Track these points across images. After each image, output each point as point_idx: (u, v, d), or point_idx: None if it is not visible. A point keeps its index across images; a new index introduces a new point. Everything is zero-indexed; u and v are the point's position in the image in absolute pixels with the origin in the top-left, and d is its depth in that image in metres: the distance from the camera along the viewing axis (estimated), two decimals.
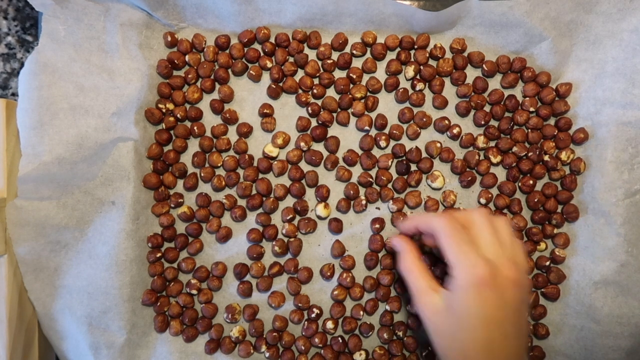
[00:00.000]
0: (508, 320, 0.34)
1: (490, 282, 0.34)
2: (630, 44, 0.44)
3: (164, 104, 0.45)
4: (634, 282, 0.45)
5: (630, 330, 0.45)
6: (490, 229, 0.37)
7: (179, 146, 0.46)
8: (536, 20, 0.44)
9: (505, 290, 0.35)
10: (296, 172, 0.46)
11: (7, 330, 0.40)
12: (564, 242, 0.47)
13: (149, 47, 0.45)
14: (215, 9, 0.45)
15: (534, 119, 0.47)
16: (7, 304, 0.40)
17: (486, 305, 0.34)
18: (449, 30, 0.46)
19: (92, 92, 0.43)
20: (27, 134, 0.41)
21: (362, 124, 0.46)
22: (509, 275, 0.35)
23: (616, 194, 0.44)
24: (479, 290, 0.34)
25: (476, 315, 0.34)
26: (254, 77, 0.46)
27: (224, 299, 0.47)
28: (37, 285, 0.43)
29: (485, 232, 0.36)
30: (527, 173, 0.47)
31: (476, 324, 0.34)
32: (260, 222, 0.47)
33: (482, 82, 0.47)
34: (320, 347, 0.46)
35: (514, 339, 0.35)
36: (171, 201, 0.46)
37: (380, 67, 0.47)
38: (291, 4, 0.44)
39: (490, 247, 0.36)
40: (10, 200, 0.41)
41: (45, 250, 0.43)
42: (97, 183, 0.43)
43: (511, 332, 0.35)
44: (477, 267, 0.34)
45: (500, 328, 0.34)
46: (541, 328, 0.47)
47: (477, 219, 0.37)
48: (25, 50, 0.49)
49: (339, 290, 0.47)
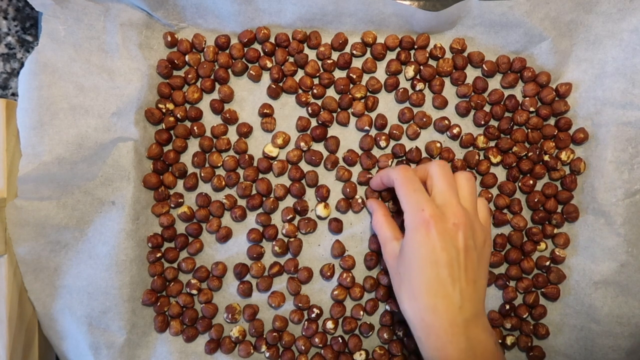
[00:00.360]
0: (457, 262, 0.36)
1: (437, 225, 0.35)
2: (630, 44, 0.44)
3: (164, 104, 0.45)
4: (634, 282, 0.45)
5: (630, 330, 0.45)
6: (445, 179, 0.38)
7: (179, 146, 0.46)
8: (536, 20, 0.44)
9: (453, 234, 0.36)
10: (296, 172, 0.46)
11: (7, 330, 0.40)
12: (564, 242, 0.47)
13: (149, 47, 0.45)
14: (215, 9, 0.45)
15: (534, 119, 0.47)
16: (7, 304, 0.40)
17: (432, 246, 0.35)
18: (449, 30, 0.46)
19: (92, 92, 0.43)
20: (27, 134, 0.41)
21: (362, 124, 0.46)
22: (457, 220, 0.36)
23: (616, 194, 0.44)
24: (425, 231, 0.35)
25: (422, 256, 0.36)
26: (254, 77, 0.46)
27: (224, 299, 0.47)
28: (37, 285, 0.43)
29: (439, 181, 0.38)
30: (527, 173, 0.47)
31: (423, 265, 0.36)
32: (260, 222, 0.47)
33: (482, 82, 0.47)
34: (320, 347, 0.46)
35: (465, 284, 0.36)
36: (171, 201, 0.46)
37: (380, 67, 0.47)
38: (291, 4, 0.44)
39: (441, 194, 0.38)
40: (10, 200, 0.41)
41: (45, 250, 0.43)
42: (97, 183, 0.43)
43: (460, 276, 0.36)
44: (425, 210, 0.36)
45: (448, 270, 0.35)
46: (541, 328, 0.47)
47: (433, 171, 0.39)
48: (25, 50, 0.49)
49: (339, 290, 0.47)
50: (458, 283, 0.36)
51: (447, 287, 0.35)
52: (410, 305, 0.37)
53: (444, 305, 0.35)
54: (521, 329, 0.47)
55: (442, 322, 0.35)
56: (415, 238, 0.36)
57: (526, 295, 0.47)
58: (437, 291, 0.35)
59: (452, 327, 0.35)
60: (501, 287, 0.47)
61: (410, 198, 0.38)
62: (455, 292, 0.35)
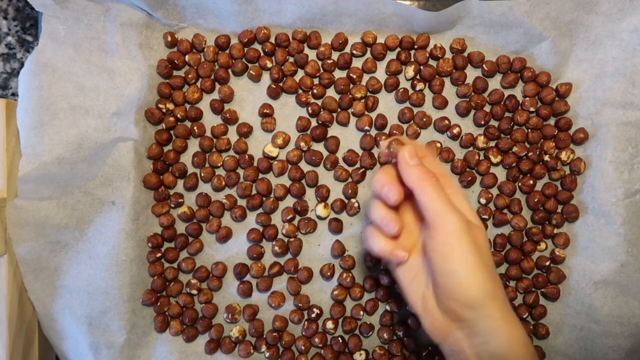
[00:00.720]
0: (483, 262, 0.33)
1: (468, 230, 0.33)
2: (630, 44, 0.44)
3: (164, 104, 0.45)
4: (634, 282, 0.45)
5: (630, 330, 0.45)
6: (459, 187, 0.38)
7: (179, 146, 0.46)
8: (536, 20, 0.44)
9: (477, 236, 0.34)
10: (296, 172, 0.46)
11: (7, 330, 0.40)
12: (564, 242, 0.47)
13: (149, 47, 0.45)
14: (215, 9, 0.45)
15: (534, 119, 0.47)
16: (7, 304, 0.40)
17: (468, 249, 0.33)
18: (449, 30, 0.46)
19: (92, 92, 0.43)
20: (27, 134, 0.41)
21: (362, 124, 0.46)
22: (477, 223, 0.35)
23: (616, 194, 0.44)
24: (464, 235, 0.33)
25: (458, 261, 0.33)
26: (254, 77, 0.46)
27: (224, 299, 0.47)
28: (37, 285, 0.43)
29: (458, 192, 0.37)
30: (527, 173, 0.47)
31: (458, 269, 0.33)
32: (260, 222, 0.47)
33: (482, 82, 0.47)
34: (320, 347, 0.46)
35: (491, 281, 0.34)
36: (171, 201, 0.46)
37: (380, 67, 0.47)
38: (291, 4, 0.44)
39: (463, 204, 0.36)
40: (10, 200, 0.41)
41: (45, 250, 0.43)
42: (97, 183, 0.43)
43: (489, 275, 0.34)
44: (460, 219, 0.33)
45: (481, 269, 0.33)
46: (541, 328, 0.47)
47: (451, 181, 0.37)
48: (25, 50, 0.49)
49: (339, 290, 0.47)
50: (492, 282, 0.35)
51: (487, 266, 0.35)
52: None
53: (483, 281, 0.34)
54: None
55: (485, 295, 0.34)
56: (453, 243, 0.34)
57: (526, 295, 0.47)
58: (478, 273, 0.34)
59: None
60: None
61: (444, 207, 0.34)
62: (492, 271, 0.35)
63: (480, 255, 0.33)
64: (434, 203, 0.33)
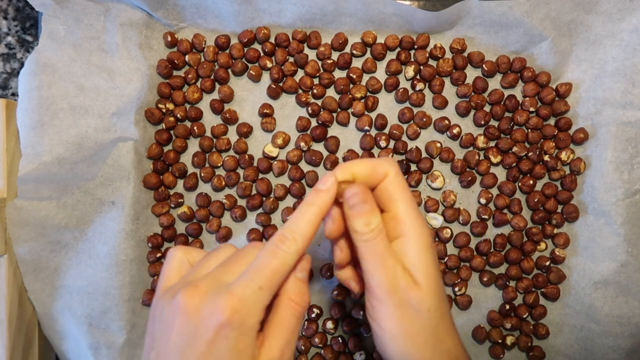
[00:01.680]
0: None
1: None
2: (630, 44, 0.44)
3: (164, 104, 0.45)
4: (634, 282, 0.45)
5: (630, 330, 0.45)
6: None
7: (179, 146, 0.46)
8: (536, 20, 0.44)
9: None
10: (296, 172, 0.46)
11: (7, 330, 0.40)
12: (564, 242, 0.47)
13: (149, 47, 0.45)
14: (215, 9, 0.45)
15: (534, 119, 0.47)
16: (7, 304, 0.40)
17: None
18: (449, 30, 0.46)
19: (92, 92, 0.43)
20: (27, 134, 0.41)
21: (362, 124, 0.46)
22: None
23: (616, 194, 0.44)
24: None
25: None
26: (254, 77, 0.46)
27: None
28: (37, 285, 0.43)
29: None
30: (527, 173, 0.47)
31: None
32: (260, 222, 0.47)
33: (482, 82, 0.47)
34: (320, 347, 0.46)
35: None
36: (171, 201, 0.46)
37: (380, 67, 0.47)
38: (291, 4, 0.44)
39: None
40: (10, 200, 0.41)
41: (45, 250, 0.43)
42: (97, 183, 0.43)
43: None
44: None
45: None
46: (541, 328, 0.47)
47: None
48: (25, 50, 0.49)
49: (339, 290, 0.47)
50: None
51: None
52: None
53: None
54: (521, 329, 0.47)
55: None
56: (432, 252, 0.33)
57: (526, 295, 0.47)
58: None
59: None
60: (501, 287, 0.47)
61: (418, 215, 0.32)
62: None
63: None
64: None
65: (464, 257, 0.47)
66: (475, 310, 0.47)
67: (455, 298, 0.47)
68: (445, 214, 0.47)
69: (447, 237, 0.47)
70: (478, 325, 0.47)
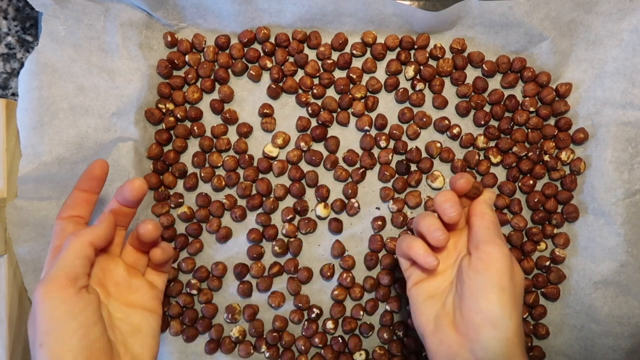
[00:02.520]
0: (515, 300, 0.34)
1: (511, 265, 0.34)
2: (630, 44, 0.44)
3: (164, 104, 0.45)
4: (634, 282, 0.45)
5: (630, 330, 0.45)
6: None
7: (179, 146, 0.46)
8: (536, 20, 0.44)
9: (516, 273, 0.34)
10: (296, 172, 0.46)
11: (7, 330, 0.40)
12: (564, 242, 0.47)
13: (149, 47, 0.45)
14: (215, 9, 0.45)
15: (534, 119, 0.47)
16: (7, 304, 0.40)
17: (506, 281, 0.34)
18: (449, 30, 0.46)
19: (92, 92, 0.43)
20: (27, 134, 0.41)
21: (362, 124, 0.46)
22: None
23: (616, 194, 0.44)
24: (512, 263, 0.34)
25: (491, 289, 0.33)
26: (254, 77, 0.46)
27: (224, 299, 0.47)
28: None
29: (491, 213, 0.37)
30: (527, 173, 0.47)
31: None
32: (260, 222, 0.47)
33: (482, 82, 0.47)
34: (320, 347, 0.46)
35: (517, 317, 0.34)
36: (171, 201, 0.46)
37: (380, 67, 0.47)
38: (291, 4, 0.44)
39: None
40: (10, 200, 0.41)
41: (45, 250, 0.43)
42: None
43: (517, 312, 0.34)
44: (507, 253, 0.34)
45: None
46: (541, 328, 0.47)
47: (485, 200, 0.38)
48: (25, 50, 0.49)
49: (339, 290, 0.47)
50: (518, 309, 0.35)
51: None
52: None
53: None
54: None
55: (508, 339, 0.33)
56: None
57: (526, 295, 0.47)
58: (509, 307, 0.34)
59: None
60: None
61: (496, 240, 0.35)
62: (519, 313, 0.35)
63: (514, 292, 0.33)
64: (488, 231, 0.35)
65: None
66: None
67: None
68: None
69: None
70: None
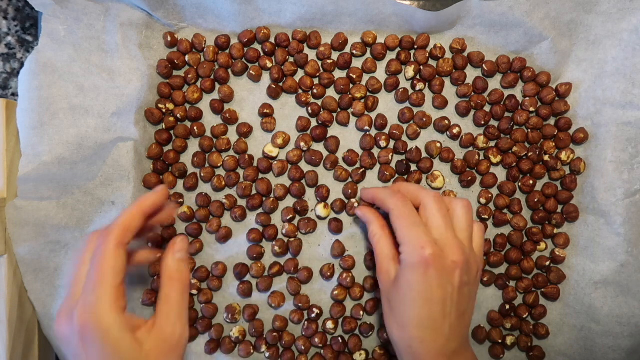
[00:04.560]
0: (450, 299, 0.36)
1: (435, 263, 0.35)
2: (630, 44, 0.44)
3: (164, 104, 0.45)
4: (634, 282, 0.45)
5: (630, 330, 0.45)
6: (442, 212, 0.38)
7: (179, 146, 0.46)
8: (536, 20, 0.44)
9: (450, 271, 0.36)
10: (296, 172, 0.46)
11: (7, 330, 0.40)
12: (564, 242, 0.47)
13: (149, 47, 0.45)
14: (215, 9, 0.45)
15: (534, 119, 0.47)
16: (7, 304, 0.40)
17: (429, 284, 0.35)
18: (449, 30, 0.46)
19: (92, 92, 0.43)
20: (27, 134, 0.41)
21: (362, 124, 0.46)
22: (455, 258, 0.36)
23: (616, 194, 0.44)
24: (424, 270, 0.35)
25: (418, 293, 0.36)
26: (254, 77, 0.46)
27: (224, 299, 0.47)
28: (37, 285, 0.43)
29: (435, 216, 0.38)
30: (527, 173, 0.47)
31: (417, 300, 0.36)
32: (260, 222, 0.47)
33: (482, 82, 0.47)
34: (320, 347, 0.46)
35: (455, 318, 0.36)
36: (171, 201, 0.46)
37: (380, 67, 0.47)
38: (291, 4, 0.44)
39: (440, 229, 0.37)
40: (10, 200, 0.41)
41: (45, 250, 0.43)
42: (97, 183, 0.43)
43: (452, 311, 0.36)
44: (425, 248, 0.35)
45: (441, 306, 0.36)
46: (541, 328, 0.47)
47: (427, 202, 0.38)
48: (25, 50, 0.49)
49: (339, 290, 0.47)
50: (448, 318, 0.36)
51: (438, 322, 0.36)
52: (398, 333, 0.37)
53: (432, 337, 0.36)
54: (521, 329, 0.47)
55: (429, 353, 0.36)
56: (412, 275, 0.36)
57: (526, 295, 0.47)
58: (427, 325, 0.36)
59: (438, 357, 0.36)
60: (501, 287, 0.47)
61: (410, 232, 0.37)
62: (444, 326, 0.36)
63: (431, 305, 0.35)
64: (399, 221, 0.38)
65: None
66: (475, 310, 0.47)
67: None
68: None
69: None
70: (478, 326, 0.47)
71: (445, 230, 0.37)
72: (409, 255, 0.36)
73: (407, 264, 0.36)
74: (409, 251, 0.36)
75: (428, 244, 0.36)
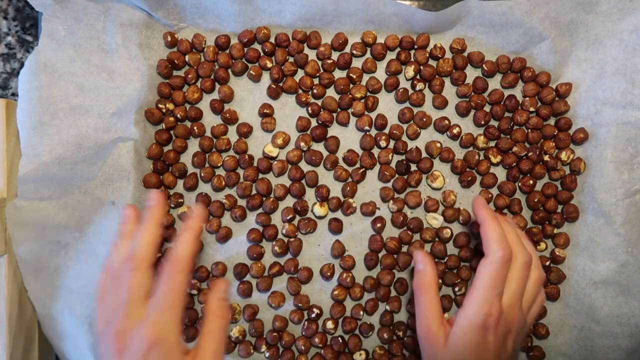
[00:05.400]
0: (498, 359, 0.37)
1: (496, 331, 0.36)
2: (630, 44, 0.44)
3: (164, 104, 0.45)
4: (634, 282, 0.45)
5: (630, 330, 0.45)
6: (524, 280, 0.39)
7: (179, 146, 0.46)
8: (536, 20, 0.44)
9: (505, 338, 0.37)
10: (296, 172, 0.46)
11: (7, 330, 0.40)
12: (564, 242, 0.47)
13: (149, 47, 0.45)
14: (215, 9, 0.45)
15: (534, 119, 0.47)
16: (7, 304, 0.40)
17: (485, 348, 0.36)
18: (449, 30, 0.46)
19: (92, 92, 0.43)
20: (27, 134, 0.41)
21: (362, 124, 0.46)
22: (515, 325, 0.37)
23: (616, 194, 0.44)
24: (483, 334, 0.36)
25: (471, 353, 0.36)
26: (254, 77, 0.46)
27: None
28: (37, 285, 0.43)
29: (518, 281, 0.38)
30: (527, 173, 0.47)
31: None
32: (260, 222, 0.47)
33: (482, 82, 0.47)
34: (320, 347, 0.46)
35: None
36: (171, 201, 0.46)
37: (380, 67, 0.47)
38: (291, 4, 0.44)
39: (512, 297, 0.38)
40: (10, 200, 0.41)
41: (45, 251, 0.43)
42: (97, 183, 0.43)
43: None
44: (492, 316, 0.36)
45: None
46: (541, 328, 0.47)
47: (519, 267, 0.38)
48: (25, 50, 0.49)
49: (339, 290, 0.47)
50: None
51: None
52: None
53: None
54: None
55: None
56: (472, 334, 0.36)
57: None
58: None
59: None
60: None
61: (486, 294, 0.36)
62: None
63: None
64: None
65: (464, 257, 0.47)
66: None
67: (455, 298, 0.47)
68: (445, 214, 0.47)
69: (447, 237, 0.47)
70: None
71: (516, 300, 0.38)
72: (474, 315, 0.36)
73: (469, 322, 0.36)
74: (476, 312, 0.36)
75: (496, 312, 0.36)
